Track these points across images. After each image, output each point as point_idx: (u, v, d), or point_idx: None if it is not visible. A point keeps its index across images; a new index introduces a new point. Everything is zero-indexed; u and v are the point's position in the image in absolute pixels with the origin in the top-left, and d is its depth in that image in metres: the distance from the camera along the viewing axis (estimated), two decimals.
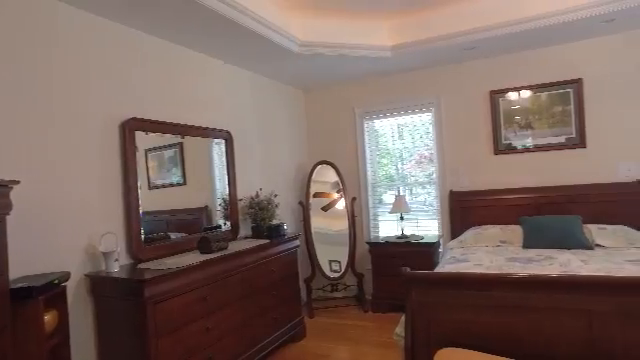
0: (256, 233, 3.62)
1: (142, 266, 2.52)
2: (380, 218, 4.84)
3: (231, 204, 3.59)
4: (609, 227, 3.47)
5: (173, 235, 3.02)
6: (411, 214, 4.57)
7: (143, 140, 2.83)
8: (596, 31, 3.61)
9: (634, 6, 3.06)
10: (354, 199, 4.66)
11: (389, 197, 4.74)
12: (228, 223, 3.55)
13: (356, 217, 4.64)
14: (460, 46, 3.75)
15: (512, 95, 4.11)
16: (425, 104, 4.51)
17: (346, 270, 4.49)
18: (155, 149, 2.97)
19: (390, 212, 4.42)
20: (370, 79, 4.72)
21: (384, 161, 4.88)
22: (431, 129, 4.51)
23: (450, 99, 4.39)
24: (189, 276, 2.48)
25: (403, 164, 4.77)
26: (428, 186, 4.60)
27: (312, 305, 4.39)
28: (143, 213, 2.74)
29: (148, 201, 2.82)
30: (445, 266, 3.12)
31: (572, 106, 3.90)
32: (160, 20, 2.75)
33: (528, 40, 3.72)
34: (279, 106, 4.60)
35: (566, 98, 3.93)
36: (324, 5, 3.43)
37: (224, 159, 3.60)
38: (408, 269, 2.06)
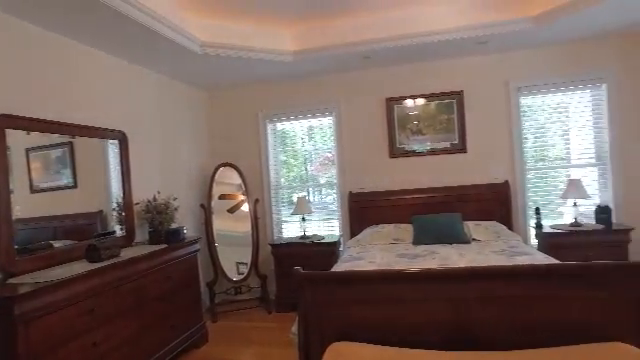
0: (154, 238, 3.47)
1: (14, 280, 2.28)
2: (287, 219, 4.90)
3: (126, 208, 3.39)
4: (483, 223, 3.95)
5: (59, 243, 2.77)
6: (316, 214, 4.71)
7: (24, 139, 2.58)
8: (474, 50, 4.09)
9: (500, 33, 3.61)
10: (257, 201, 4.67)
11: None
12: (124, 228, 3.35)
13: (259, 219, 4.65)
14: (357, 55, 3.97)
15: (406, 102, 4.46)
16: (327, 108, 4.68)
17: (250, 272, 4.49)
18: (38, 148, 2.71)
19: (292, 213, 4.51)
20: (273, 82, 4.76)
21: (295, 162, 4.97)
22: (332, 132, 4.70)
23: (349, 104, 4.61)
24: (72, 288, 2.30)
25: (311, 165, 4.90)
26: (335, 187, 4.78)
27: (215, 309, 4.32)
28: (18, 220, 2.47)
29: (29, 206, 2.58)
30: (341, 264, 3.28)
31: (455, 115, 4.35)
32: (46, 10, 2.52)
33: (419, 53, 4.07)
34: (180, 106, 4.44)
35: (450, 108, 4.37)
36: (227, 8, 3.41)
37: (118, 161, 3.40)
38: (300, 269, 2.14)
